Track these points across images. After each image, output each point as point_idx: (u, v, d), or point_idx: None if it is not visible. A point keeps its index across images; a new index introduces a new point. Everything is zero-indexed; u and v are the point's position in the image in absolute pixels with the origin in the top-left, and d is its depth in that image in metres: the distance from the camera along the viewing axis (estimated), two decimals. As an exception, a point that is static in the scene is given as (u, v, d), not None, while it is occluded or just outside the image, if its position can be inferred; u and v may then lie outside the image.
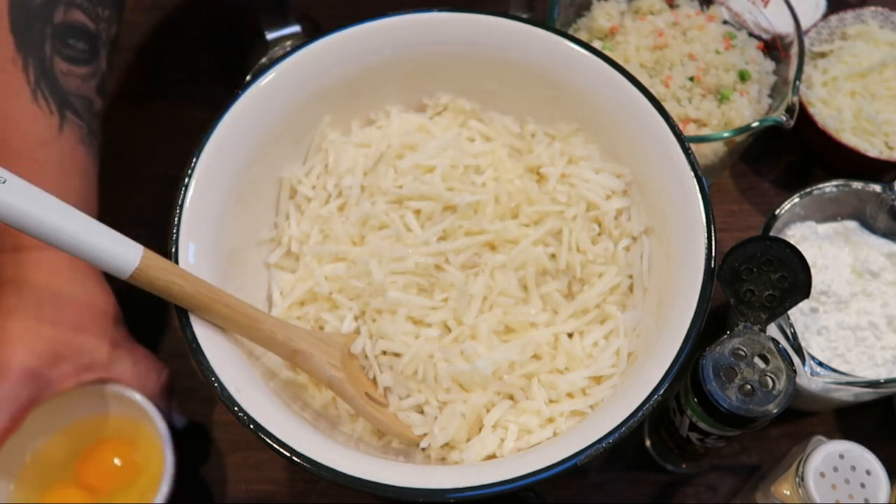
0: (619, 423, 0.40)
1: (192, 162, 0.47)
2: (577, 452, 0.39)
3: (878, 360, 0.54)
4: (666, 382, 0.41)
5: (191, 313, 0.42)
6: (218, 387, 0.41)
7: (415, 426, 0.47)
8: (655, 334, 0.45)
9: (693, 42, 0.62)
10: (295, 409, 0.44)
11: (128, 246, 0.39)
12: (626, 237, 0.51)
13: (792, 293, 0.45)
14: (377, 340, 0.48)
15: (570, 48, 0.51)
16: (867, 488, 0.44)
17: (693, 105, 0.60)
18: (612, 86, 0.50)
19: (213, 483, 0.58)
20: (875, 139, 0.64)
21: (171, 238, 0.44)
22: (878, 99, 0.65)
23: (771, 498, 0.48)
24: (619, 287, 0.51)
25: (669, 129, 0.48)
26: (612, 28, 0.64)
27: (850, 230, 0.58)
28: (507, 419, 0.46)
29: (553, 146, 0.54)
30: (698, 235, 0.45)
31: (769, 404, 0.42)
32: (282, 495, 0.58)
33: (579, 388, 0.47)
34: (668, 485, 0.58)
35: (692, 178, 0.46)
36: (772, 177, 0.69)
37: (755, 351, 0.44)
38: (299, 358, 0.44)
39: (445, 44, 0.53)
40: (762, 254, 0.46)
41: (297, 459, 0.39)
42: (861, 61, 0.67)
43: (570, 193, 0.52)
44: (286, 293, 0.51)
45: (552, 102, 0.54)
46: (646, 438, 0.58)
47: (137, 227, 0.67)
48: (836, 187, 0.56)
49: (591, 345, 0.49)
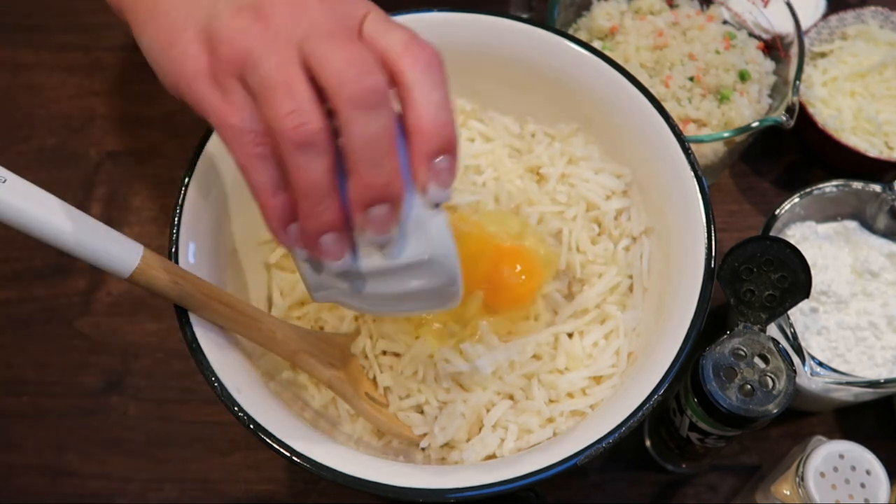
0: (619, 423, 0.40)
1: (192, 162, 0.47)
2: (577, 452, 0.39)
3: (878, 360, 0.54)
4: (666, 382, 0.41)
5: (191, 313, 0.42)
6: (218, 387, 0.41)
7: (415, 426, 0.47)
8: (655, 334, 0.45)
9: (693, 42, 0.62)
10: (295, 409, 0.44)
11: (128, 246, 0.39)
12: (626, 237, 0.51)
13: (792, 293, 0.45)
14: (377, 340, 0.48)
15: (570, 48, 0.51)
16: (867, 488, 0.44)
17: (693, 105, 0.60)
18: (612, 86, 0.50)
19: (213, 483, 0.58)
20: (875, 139, 0.64)
21: (171, 238, 0.44)
22: (878, 99, 0.65)
23: (771, 498, 0.48)
24: (619, 287, 0.51)
25: (669, 129, 0.48)
26: (612, 28, 0.64)
27: (850, 230, 0.58)
28: (507, 419, 0.46)
29: (553, 146, 0.54)
30: (698, 235, 0.45)
31: (769, 404, 0.42)
32: (282, 495, 0.58)
33: (579, 388, 0.47)
34: (668, 485, 0.58)
35: (692, 178, 0.46)
36: (772, 177, 0.69)
37: (755, 351, 0.44)
38: (299, 358, 0.44)
39: (445, 44, 0.52)
40: (762, 254, 0.46)
41: (297, 459, 0.39)
42: (861, 61, 0.67)
43: (569, 193, 0.52)
44: (286, 293, 0.51)
45: (552, 102, 0.54)
46: (646, 438, 0.58)
47: (137, 227, 0.68)
48: (836, 187, 0.56)
49: (591, 345, 0.49)
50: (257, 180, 0.33)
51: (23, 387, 0.61)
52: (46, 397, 0.61)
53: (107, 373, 0.62)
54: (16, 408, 0.61)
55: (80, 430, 0.60)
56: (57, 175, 0.69)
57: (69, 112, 0.73)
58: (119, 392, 0.61)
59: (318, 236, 0.33)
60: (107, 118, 0.73)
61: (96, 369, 0.62)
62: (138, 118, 0.72)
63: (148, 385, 0.61)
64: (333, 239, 0.33)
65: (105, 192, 0.69)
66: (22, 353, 0.63)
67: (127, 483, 0.58)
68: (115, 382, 0.61)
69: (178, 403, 0.60)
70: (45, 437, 0.60)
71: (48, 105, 0.73)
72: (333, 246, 0.33)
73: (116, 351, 0.62)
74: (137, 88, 0.74)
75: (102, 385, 0.61)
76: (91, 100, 0.73)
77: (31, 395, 0.61)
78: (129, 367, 0.62)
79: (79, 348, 0.63)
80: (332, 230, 0.33)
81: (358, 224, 0.33)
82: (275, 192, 0.33)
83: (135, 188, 0.69)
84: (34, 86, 0.74)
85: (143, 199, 0.68)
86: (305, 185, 0.32)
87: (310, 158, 0.31)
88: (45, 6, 0.78)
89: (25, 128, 0.72)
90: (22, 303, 0.65)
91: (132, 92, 0.74)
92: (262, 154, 0.33)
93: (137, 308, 0.64)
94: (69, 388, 0.61)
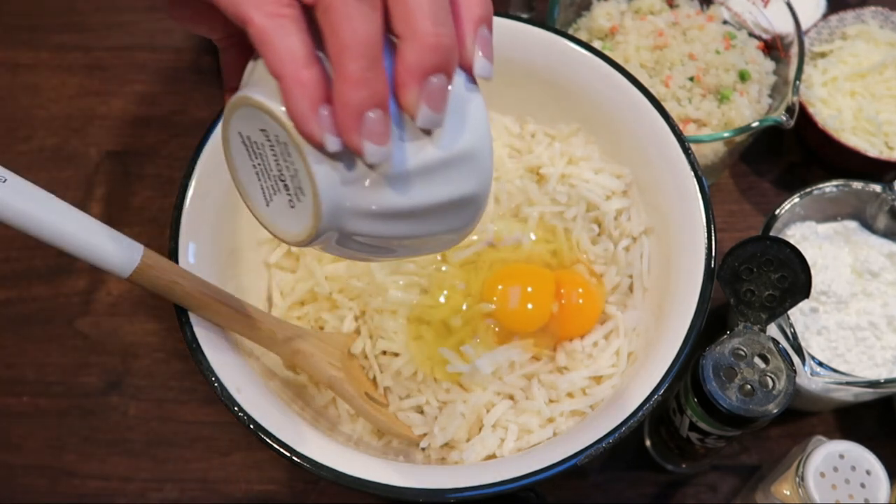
0: (619, 423, 0.40)
1: (192, 162, 0.47)
2: (577, 452, 0.39)
3: (878, 360, 0.54)
4: (666, 382, 0.41)
5: (191, 313, 0.42)
6: (218, 387, 0.41)
7: (415, 426, 0.47)
8: (655, 334, 0.45)
9: (693, 42, 0.62)
10: (295, 409, 0.44)
11: (128, 245, 0.39)
12: (626, 237, 0.51)
13: (792, 293, 0.45)
14: (377, 340, 0.48)
15: (570, 48, 0.51)
16: (867, 488, 0.44)
17: (693, 105, 0.60)
18: (612, 86, 0.50)
19: (213, 483, 0.58)
20: (875, 139, 0.64)
21: (171, 238, 0.44)
22: (878, 99, 0.65)
23: (771, 498, 0.48)
24: (619, 287, 0.51)
25: (669, 129, 0.48)
26: (612, 28, 0.64)
27: (850, 230, 0.58)
28: (507, 419, 0.46)
29: (553, 146, 0.54)
30: (698, 235, 0.45)
31: (769, 404, 0.42)
32: (282, 495, 0.58)
33: (579, 388, 0.47)
34: (668, 485, 0.58)
35: (692, 178, 0.47)
36: (772, 177, 0.69)
37: (755, 351, 0.44)
38: (299, 358, 0.44)
39: (445, 44, 0.53)
40: (762, 254, 0.46)
41: (297, 459, 0.39)
42: (861, 61, 0.67)
43: (570, 194, 0.52)
44: (286, 293, 0.51)
45: (552, 102, 0.54)
46: (646, 438, 0.58)
47: (137, 226, 0.68)
48: (836, 187, 0.56)
49: (591, 345, 0.49)
50: (286, 48, 0.26)
51: (23, 387, 0.61)
52: (46, 397, 0.61)
53: (107, 373, 0.62)
54: (16, 408, 0.61)
55: (80, 430, 0.60)
56: (57, 175, 0.69)
57: (69, 112, 0.73)
58: (119, 392, 0.61)
59: (363, 112, 0.26)
60: (107, 118, 0.72)
61: (96, 369, 0.62)
62: (138, 118, 0.72)
63: (148, 385, 0.61)
64: (380, 117, 0.27)
65: (105, 192, 0.69)
66: (22, 353, 0.63)
67: (127, 483, 0.58)
68: (115, 382, 0.61)
69: (178, 403, 0.60)
70: (45, 437, 0.60)
71: (48, 105, 0.73)
72: (379, 125, 0.27)
73: (116, 351, 0.62)
74: (137, 88, 0.74)
75: (102, 385, 0.61)
76: (91, 100, 0.73)
77: (31, 395, 0.61)
78: (129, 367, 0.62)
79: (79, 348, 0.63)
80: (381, 106, 0.27)
81: (411, 99, 0.27)
82: (308, 61, 0.26)
83: (135, 188, 0.69)
84: (34, 86, 0.74)
85: (143, 199, 0.68)
86: (355, 42, 0.26)
87: (363, 9, 0.26)
88: (45, 6, 0.78)
89: (25, 128, 0.72)
90: (22, 303, 0.65)
91: (132, 92, 0.74)
92: (293, 15, 0.26)
93: (137, 308, 0.64)
94: (69, 388, 0.61)
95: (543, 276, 0.48)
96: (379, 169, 0.28)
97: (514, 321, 0.47)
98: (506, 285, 0.47)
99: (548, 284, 0.48)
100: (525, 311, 0.47)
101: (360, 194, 0.28)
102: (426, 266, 0.49)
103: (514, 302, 0.47)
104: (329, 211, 0.28)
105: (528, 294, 0.47)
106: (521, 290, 0.47)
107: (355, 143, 0.27)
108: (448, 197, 0.30)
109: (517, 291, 0.47)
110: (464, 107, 0.29)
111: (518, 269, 0.49)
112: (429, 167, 0.29)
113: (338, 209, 0.28)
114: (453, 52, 0.27)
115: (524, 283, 0.47)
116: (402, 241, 0.31)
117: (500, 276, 0.48)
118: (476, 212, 0.32)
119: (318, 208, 0.28)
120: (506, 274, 0.48)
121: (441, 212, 0.30)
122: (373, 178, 0.28)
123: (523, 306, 0.47)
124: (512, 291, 0.47)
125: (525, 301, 0.47)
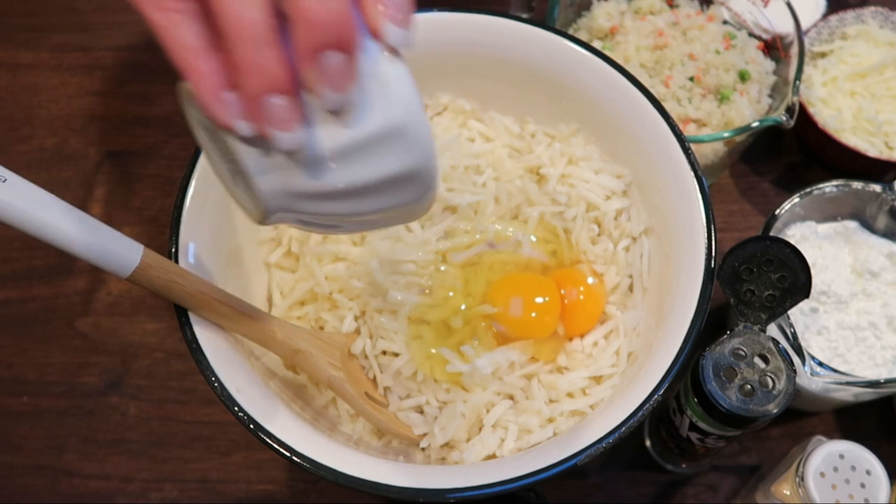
0: (619, 423, 0.40)
1: (192, 162, 0.47)
2: (577, 452, 0.39)
3: (878, 360, 0.54)
4: (666, 382, 0.41)
5: (191, 313, 0.42)
6: (218, 387, 0.41)
7: (415, 426, 0.47)
8: (655, 334, 0.45)
9: (693, 42, 0.62)
10: (295, 409, 0.44)
11: (128, 245, 0.39)
12: (626, 237, 0.51)
13: (792, 293, 0.45)
14: (377, 340, 0.48)
15: (570, 48, 0.51)
16: (867, 488, 0.44)
17: (693, 105, 0.60)
18: (612, 86, 0.50)
19: (212, 483, 0.58)
20: (875, 139, 0.64)
21: (171, 238, 0.44)
22: (878, 99, 0.65)
23: (771, 498, 0.48)
24: (619, 287, 0.51)
25: (669, 129, 0.48)
26: (612, 28, 0.64)
27: (850, 230, 0.58)
28: (507, 419, 0.46)
29: (553, 146, 0.54)
30: (698, 235, 0.45)
31: (769, 404, 0.42)
32: (282, 495, 0.58)
33: (579, 388, 0.47)
34: (668, 485, 0.58)
35: (692, 178, 0.46)
36: (772, 177, 0.69)
37: (755, 351, 0.44)
38: (299, 358, 0.44)
39: (445, 43, 0.53)
40: (762, 254, 0.46)
41: (297, 459, 0.39)
42: (861, 61, 0.67)
43: (570, 194, 0.52)
44: (286, 293, 0.51)
45: (552, 102, 0.54)
46: (646, 438, 0.58)
47: (137, 226, 0.68)
48: (836, 187, 0.56)
49: (591, 345, 0.49)
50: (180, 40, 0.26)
51: (23, 387, 0.61)
52: (46, 397, 0.61)
53: (107, 373, 0.62)
54: (16, 408, 0.61)
55: (80, 430, 0.60)
56: (57, 175, 0.69)
57: (69, 112, 0.73)
58: (119, 392, 0.61)
59: (262, 97, 0.26)
60: (107, 118, 0.73)
61: (96, 369, 0.62)
62: (138, 118, 0.72)
63: (148, 385, 0.61)
64: (282, 102, 0.26)
65: (105, 192, 0.69)
66: (22, 353, 0.63)
67: (127, 483, 0.58)
68: (115, 382, 0.61)
69: (178, 403, 0.60)
70: (45, 437, 0.60)
71: (48, 105, 0.73)
72: (282, 111, 0.26)
73: (116, 351, 0.62)
74: (137, 88, 0.74)
75: (102, 385, 0.61)
76: (91, 100, 0.73)
77: (31, 395, 0.61)
78: (129, 367, 0.62)
79: (79, 348, 0.63)
80: (279, 90, 0.26)
81: (310, 81, 0.26)
82: (203, 52, 0.26)
83: (135, 188, 0.69)
84: (34, 86, 0.74)
85: (143, 199, 0.68)
86: (241, 26, 0.25)
87: None
88: (45, 6, 0.78)
89: (25, 128, 0.72)
90: (22, 303, 0.65)
91: (132, 92, 0.74)
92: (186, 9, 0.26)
93: (137, 308, 0.64)
94: (69, 388, 0.61)
95: (549, 286, 0.49)
96: (299, 153, 0.28)
97: (524, 331, 0.48)
98: (515, 295, 0.48)
99: (555, 294, 0.48)
100: (535, 320, 0.48)
101: (291, 177, 0.28)
102: (426, 266, 0.49)
103: (524, 312, 0.48)
104: (268, 193, 0.29)
105: (537, 305, 0.48)
106: (530, 299, 0.48)
107: (264, 129, 0.27)
108: (380, 175, 0.29)
109: (527, 301, 0.48)
110: (382, 81, 0.28)
111: (524, 279, 0.49)
112: (348, 148, 0.28)
113: (276, 191, 0.29)
114: (346, 26, 0.26)
115: (533, 294, 0.48)
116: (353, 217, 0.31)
117: (507, 284, 0.49)
118: (424, 185, 0.31)
119: (257, 190, 0.29)
120: (513, 283, 0.49)
121: (380, 189, 0.30)
122: (298, 160, 0.28)
123: (532, 315, 0.48)
124: (520, 301, 0.48)
125: (535, 310, 0.48)
